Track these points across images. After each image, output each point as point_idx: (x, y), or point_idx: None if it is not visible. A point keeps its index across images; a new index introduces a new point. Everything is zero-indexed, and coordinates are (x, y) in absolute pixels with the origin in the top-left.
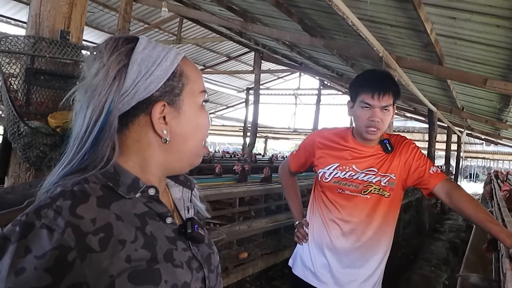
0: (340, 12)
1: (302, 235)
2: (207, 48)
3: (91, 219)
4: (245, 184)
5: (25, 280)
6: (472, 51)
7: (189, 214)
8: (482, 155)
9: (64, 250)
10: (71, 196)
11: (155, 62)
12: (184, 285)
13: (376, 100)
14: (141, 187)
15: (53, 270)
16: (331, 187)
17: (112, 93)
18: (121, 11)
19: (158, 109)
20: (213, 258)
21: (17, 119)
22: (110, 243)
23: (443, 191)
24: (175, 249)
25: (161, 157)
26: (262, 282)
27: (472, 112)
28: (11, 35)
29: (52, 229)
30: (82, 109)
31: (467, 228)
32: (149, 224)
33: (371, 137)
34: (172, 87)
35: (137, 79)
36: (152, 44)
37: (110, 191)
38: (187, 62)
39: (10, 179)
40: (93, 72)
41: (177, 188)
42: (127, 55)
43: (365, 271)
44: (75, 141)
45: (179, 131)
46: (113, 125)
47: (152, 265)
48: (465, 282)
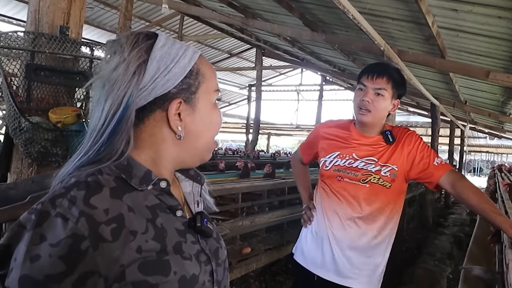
0: (341, 6)
1: (308, 217)
2: (209, 45)
3: (104, 210)
4: (247, 179)
5: (40, 267)
6: (474, 44)
7: (199, 208)
8: (486, 149)
9: (78, 238)
10: (85, 187)
11: (174, 60)
12: (193, 277)
13: (370, 81)
14: (153, 180)
15: (67, 258)
16: (331, 175)
17: (131, 88)
18: (122, 9)
19: (175, 106)
20: (221, 252)
21: (18, 114)
22: (122, 233)
23: (448, 182)
24: (184, 242)
25: (174, 152)
26: (266, 277)
27: (475, 105)
28: (10, 31)
29: (66, 218)
30: (100, 102)
31: (471, 222)
32: (160, 217)
33: (362, 118)
34: (189, 85)
35: (156, 75)
36: (171, 41)
37: (123, 182)
38: (203, 60)
39: (13, 175)
40: (113, 66)
41: (188, 183)
42: (147, 51)
43: (366, 261)
44: (92, 133)
45: (193, 128)
46: (130, 119)
47: (162, 256)
48: (468, 274)
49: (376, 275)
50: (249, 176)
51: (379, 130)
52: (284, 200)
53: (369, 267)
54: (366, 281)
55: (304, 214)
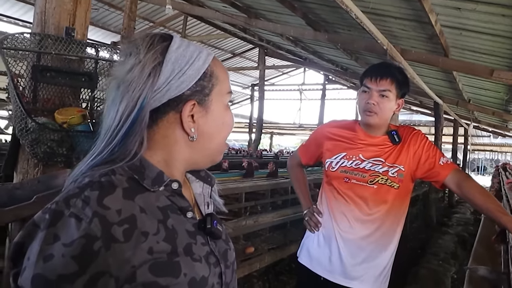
0: (343, 6)
1: (314, 222)
2: (212, 45)
3: (117, 210)
4: (251, 179)
5: (53, 266)
6: (478, 42)
7: (209, 209)
8: (490, 148)
9: (91, 239)
10: (98, 187)
11: (188, 62)
12: (202, 279)
13: (373, 83)
14: (165, 181)
15: (79, 258)
16: (337, 176)
17: (146, 89)
18: (126, 10)
19: (188, 107)
20: (230, 254)
21: (25, 115)
22: (134, 234)
23: (453, 182)
24: (195, 243)
25: (186, 153)
26: (269, 277)
27: (479, 104)
28: (17, 33)
29: (80, 218)
30: (114, 103)
31: (475, 222)
32: (171, 218)
33: (368, 120)
34: (203, 87)
35: (170, 77)
36: (185, 43)
37: (135, 183)
38: (217, 62)
39: (19, 175)
40: (128, 67)
41: (198, 184)
42: (162, 53)
43: (372, 262)
44: (106, 133)
45: (206, 129)
46: (144, 120)
47: (173, 257)
48: (473, 274)
49: (383, 275)
50: (253, 175)
51: (384, 130)
52: (287, 199)
53: (377, 268)
54: (373, 282)
55: (309, 219)
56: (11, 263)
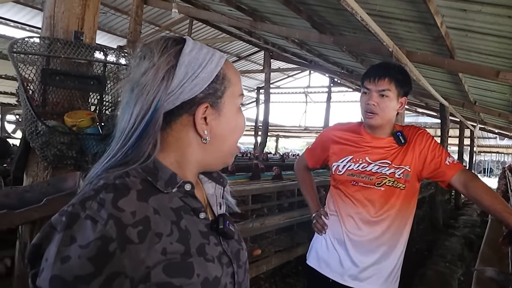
0: (349, 8)
1: (321, 225)
2: (217, 49)
3: (131, 212)
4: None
5: (70, 268)
6: (483, 43)
7: (221, 210)
8: (496, 150)
9: (106, 240)
10: (113, 189)
11: (201, 65)
12: (215, 279)
13: (372, 84)
14: (178, 183)
15: (95, 259)
16: (345, 180)
17: (160, 92)
18: (133, 14)
19: (201, 110)
20: (242, 254)
21: (35, 118)
22: (148, 235)
23: (460, 182)
24: (207, 244)
25: (199, 155)
26: (276, 279)
27: (485, 105)
28: (27, 37)
29: (95, 220)
30: (129, 106)
31: (482, 224)
32: (184, 219)
33: (370, 122)
34: (215, 90)
35: (184, 80)
36: (198, 46)
37: (149, 185)
38: (229, 65)
39: (29, 178)
40: (142, 70)
41: (210, 184)
42: (175, 56)
43: (381, 263)
44: (121, 136)
45: (219, 132)
46: (158, 123)
47: (186, 258)
48: (481, 276)
49: (392, 276)
50: (260, 178)
51: (389, 131)
52: (294, 201)
53: (386, 269)
54: (382, 283)
55: (316, 222)
56: (29, 264)
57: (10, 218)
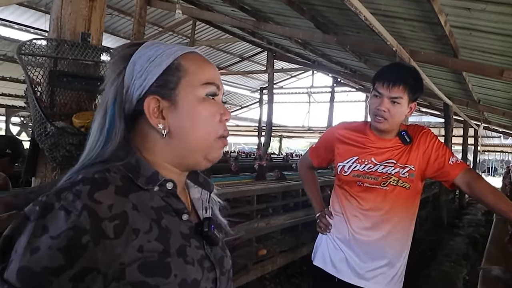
0: (353, 8)
1: (325, 224)
2: (220, 49)
3: (108, 205)
4: (262, 181)
5: (39, 259)
6: (487, 42)
7: (207, 214)
8: (500, 149)
9: (79, 231)
10: (90, 182)
11: (149, 59)
12: (194, 282)
13: (385, 89)
14: (160, 180)
15: (66, 251)
16: (350, 180)
17: (113, 90)
18: (136, 15)
19: (151, 103)
20: (226, 261)
21: (44, 120)
22: (125, 231)
23: (464, 182)
24: (188, 246)
25: (167, 151)
26: (281, 279)
27: (489, 104)
28: (34, 39)
29: (69, 211)
30: (98, 109)
31: (487, 223)
32: (165, 218)
33: (378, 126)
34: (166, 82)
35: (134, 77)
36: (156, 44)
37: (130, 182)
38: (190, 56)
39: (37, 179)
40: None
41: (196, 189)
42: (128, 58)
43: (384, 263)
44: (94, 135)
45: (177, 123)
46: (119, 118)
47: (164, 258)
48: (487, 274)
49: (398, 275)
50: (265, 178)
51: (395, 133)
52: (299, 201)
53: (391, 268)
54: (388, 282)
55: (320, 222)
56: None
57: None
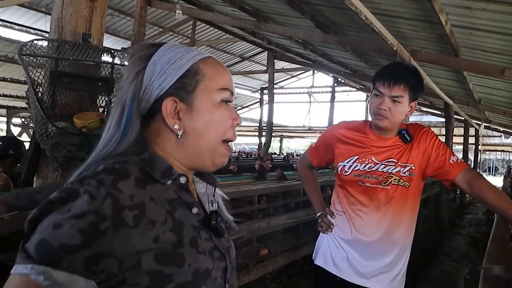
0: (353, 7)
1: (326, 224)
2: (221, 50)
3: (130, 195)
4: (263, 181)
5: (59, 234)
6: (488, 41)
7: (213, 207)
8: (501, 148)
9: (100, 217)
10: (113, 172)
11: (169, 61)
12: (206, 271)
13: (386, 88)
14: (174, 174)
15: (84, 232)
16: (351, 180)
17: (132, 89)
18: (136, 16)
19: (168, 104)
20: (231, 251)
21: (45, 120)
22: (143, 221)
23: (464, 181)
24: (199, 237)
25: (180, 151)
26: (282, 279)
27: (490, 104)
28: (35, 39)
29: (93, 196)
30: (115, 105)
31: (488, 222)
32: (178, 211)
33: (379, 124)
34: (185, 84)
35: (153, 78)
36: (176, 46)
37: (146, 174)
38: (208, 61)
39: (39, 180)
40: (124, 76)
41: (201, 184)
42: (148, 58)
43: (386, 262)
44: (111, 128)
45: (192, 126)
46: (136, 116)
47: (178, 248)
48: (488, 273)
49: (400, 274)
50: (266, 178)
51: (396, 131)
52: (300, 201)
53: (393, 267)
54: (390, 281)
55: (321, 221)
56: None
57: (22, 219)
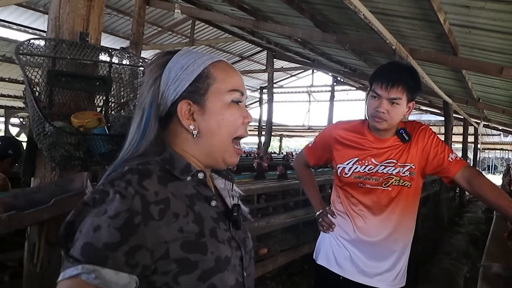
0: (352, 6)
1: (327, 223)
2: (220, 49)
3: (154, 192)
4: (262, 181)
5: (100, 236)
6: (487, 40)
7: (234, 201)
8: (500, 146)
9: (133, 213)
10: (137, 172)
11: (183, 67)
12: (226, 258)
13: (384, 90)
14: (192, 171)
15: (122, 229)
16: (352, 182)
17: (151, 94)
18: (135, 15)
19: (183, 107)
20: (248, 241)
21: (42, 119)
22: (167, 214)
23: (464, 178)
24: (218, 228)
25: (196, 150)
26: (282, 278)
27: (489, 102)
28: (32, 38)
29: (123, 195)
30: (136, 110)
31: (487, 221)
32: (197, 205)
33: (377, 126)
34: (197, 88)
35: (169, 83)
36: (188, 53)
37: (167, 173)
38: (218, 64)
39: (36, 179)
40: (143, 82)
41: (221, 180)
42: (164, 65)
43: (389, 262)
44: (132, 132)
45: (205, 125)
46: (154, 118)
47: (200, 238)
48: (487, 271)
49: (401, 272)
50: (265, 177)
51: (394, 132)
52: (299, 200)
53: (394, 265)
54: (392, 279)
55: (322, 221)
56: (62, 240)
57: (19, 219)
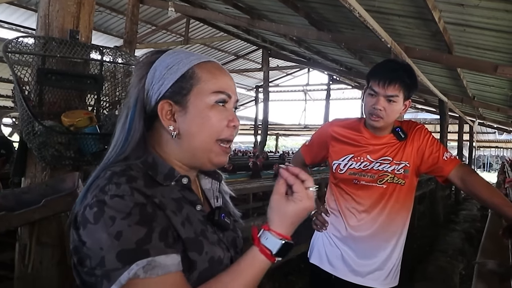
0: (346, 4)
1: (321, 222)
2: (215, 48)
3: (146, 191)
4: (258, 180)
5: (127, 238)
6: (481, 38)
7: (218, 203)
8: (495, 144)
9: (142, 205)
10: (123, 174)
11: (167, 67)
12: (219, 259)
13: (381, 88)
14: (176, 176)
15: (142, 221)
16: (346, 178)
17: (136, 93)
18: (128, 13)
19: (164, 106)
20: (238, 241)
21: (32, 119)
22: (168, 208)
23: (458, 177)
24: (207, 230)
25: (177, 152)
26: (278, 277)
27: (484, 100)
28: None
29: (121, 196)
30: (122, 109)
31: (482, 218)
32: (185, 208)
33: (374, 124)
34: (180, 88)
35: (153, 82)
36: (177, 52)
37: (150, 179)
38: (205, 65)
39: (27, 180)
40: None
41: (207, 180)
42: (150, 64)
43: (379, 259)
44: (117, 133)
45: (186, 127)
46: (139, 119)
47: (197, 236)
48: (482, 268)
49: (393, 271)
50: (260, 176)
51: (390, 129)
52: None
53: (387, 264)
54: (384, 278)
55: (316, 220)
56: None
57: (9, 220)
